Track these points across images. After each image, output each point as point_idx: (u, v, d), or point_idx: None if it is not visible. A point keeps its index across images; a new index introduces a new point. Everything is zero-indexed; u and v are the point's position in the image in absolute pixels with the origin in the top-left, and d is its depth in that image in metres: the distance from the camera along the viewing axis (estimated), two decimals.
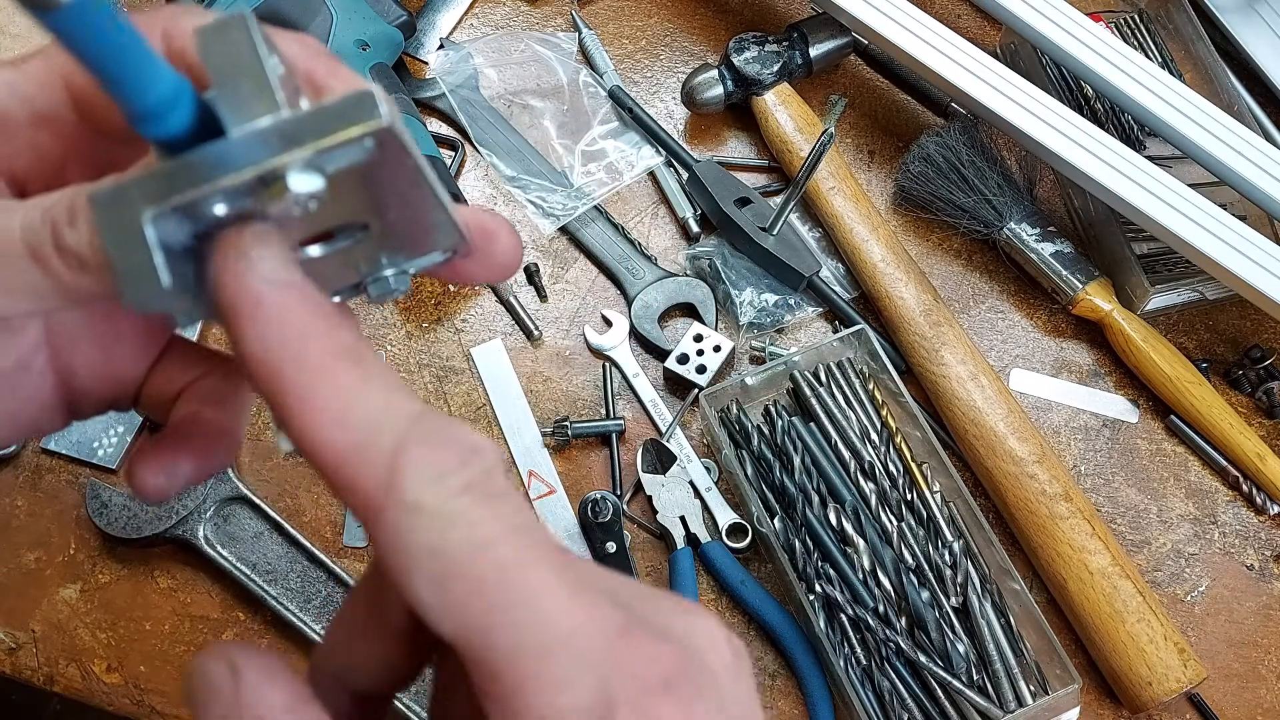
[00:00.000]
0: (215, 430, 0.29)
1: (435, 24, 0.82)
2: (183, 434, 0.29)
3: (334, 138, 0.22)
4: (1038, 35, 0.71)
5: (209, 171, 0.22)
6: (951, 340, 0.68)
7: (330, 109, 0.22)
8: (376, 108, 0.22)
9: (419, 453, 0.20)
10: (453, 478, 0.20)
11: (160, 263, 0.22)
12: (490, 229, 0.27)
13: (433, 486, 0.20)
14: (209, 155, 0.22)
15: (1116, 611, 0.61)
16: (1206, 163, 0.68)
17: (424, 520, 0.20)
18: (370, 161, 0.23)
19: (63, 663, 0.63)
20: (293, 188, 0.22)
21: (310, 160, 0.22)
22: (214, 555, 0.63)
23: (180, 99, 0.22)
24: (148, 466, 0.28)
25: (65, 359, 0.30)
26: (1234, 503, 0.69)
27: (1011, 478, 0.65)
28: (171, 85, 0.21)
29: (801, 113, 0.76)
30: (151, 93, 0.21)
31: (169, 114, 0.22)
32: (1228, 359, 0.72)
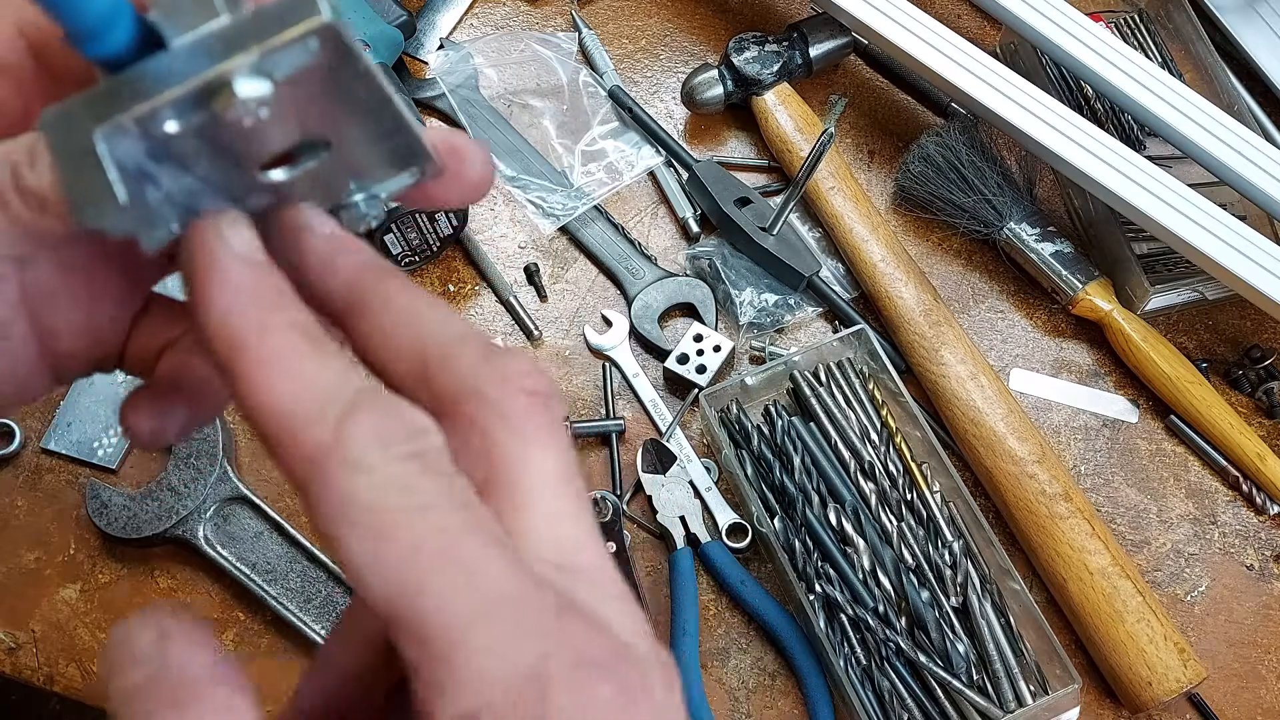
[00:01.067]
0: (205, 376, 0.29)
1: (435, 24, 0.82)
2: (173, 381, 0.29)
3: (276, 39, 0.21)
4: (1038, 35, 0.71)
5: (154, 85, 0.22)
6: (951, 340, 0.68)
7: (269, 11, 0.22)
8: (316, 5, 0.21)
9: (367, 418, 0.20)
10: (399, 445, 0.20)
11: (115, 178, 0.22)
12: (457, 147, 0.27)
13: (378, 449, 0.20)
14: (152, 68, 0.22)
15: (1116, 611, 0.61)
16: (1206, 163, 0.68)
17: (364, 478, 0.19)
18: (318, 64, 0.22)
19: (62, 662, 0.63)
20: (240, 93, 0.22)
21: (255, 65, 0.22)
22: (214, 555, 0.63)
23: (119, 14, 0.22)
24: (140, 412, 0.28)
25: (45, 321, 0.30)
26: (1234, 503, 0.69)
27: (1011, 477, 0.65)
28: (108, 2, 0.21)
29: (801, 113, 0.76)
30: (89, 10, 0.21)
31: (109, 31, 0.22)
32: (1228, 359, 0.72)
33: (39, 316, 0.30)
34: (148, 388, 0.29)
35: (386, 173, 0.26)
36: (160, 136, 0.22)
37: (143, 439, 0.28)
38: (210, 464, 0.64)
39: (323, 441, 0.20)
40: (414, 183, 0.27)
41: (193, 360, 0.29)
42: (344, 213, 0.26)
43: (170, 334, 0.31)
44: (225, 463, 0.64)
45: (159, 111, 0.22)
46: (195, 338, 0.30)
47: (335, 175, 0.25)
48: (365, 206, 0.26)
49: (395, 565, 0.19)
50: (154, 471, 0.66)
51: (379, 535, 0.19)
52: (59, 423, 0.68)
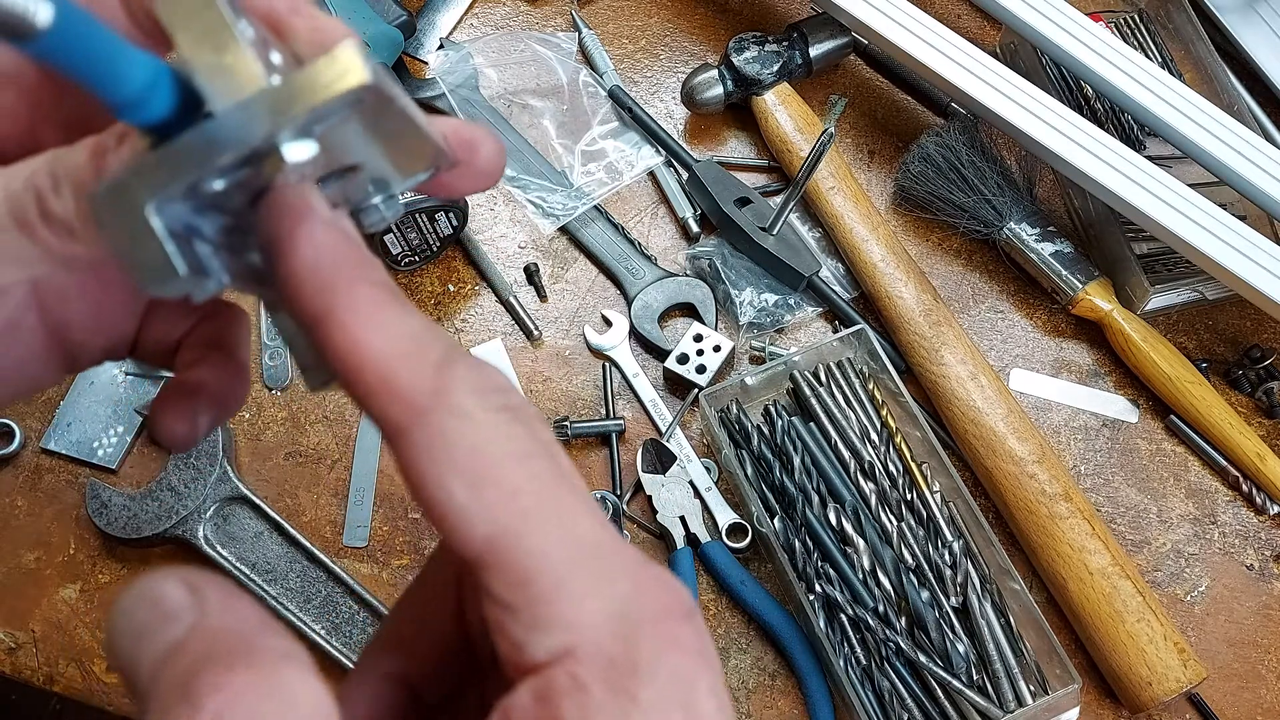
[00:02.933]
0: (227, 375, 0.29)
1: (435, 24, 0.82)
2: (197, 381, 0.29)
3: (321, 101, 0.21)
4: (1037, 35, 0.71)
5: (202, 154, 0.22)
6: (951, 340, 0.68)
7: (314, 74, 0.22)
8: (359, 63, 0.22)
9: (463, 369, 0.21)
10: (495, 397, 0.21)
11: (173, 251, 0.22)
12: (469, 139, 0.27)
13: (476, 398, 0.20)
14: (200, 137, 0.22)
15: (1116, 611, 0.61)
16: (1206, 162, 0.68)
17: (468, 424, 0.20)
18: (358, 114, 0.23)
19: (62, 662, 0.63)
20: (288, 158, 0.22)
21: (302, 127, 0.22)
22: (214, 555, 0.63)
23: (159, 83, 0.22)
24: (170, 415, 0.28)
25: (57, 314, 0.30)
26: (1234, 502, 0.69)
27: (1011, 477, 0.65)
28: (149, 72, 0.21)
29: (801, 112, 0.76)
30: (130, 84, 0.21)
31: (150, 100, 0.22)
32: (1227, 359, 0.72)
33: (50, 310, 0.30)
34: (172, 390, 0.29)
35: (403, 176, 0.27)
36: (206, 196, 0.23)
37: (175, 441, 0.28)
38: (210, 464, 0.64)
39: (425, 388, 0.20)
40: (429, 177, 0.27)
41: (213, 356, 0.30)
42: (364, 216, 0.27)
43: (184, 325, 0.31)
44: (225, 463, 0.64)
45: (207, 178, 0.22)
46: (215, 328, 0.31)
47: (359, 187, 0.26)
48: (384, 208, 0.27)
49: (497, 508, 0.20)
50: (154, 471, 0.66)
51: (482, 479, 0.20)
52: (59, 423, 0.68)
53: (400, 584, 0.65)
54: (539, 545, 0.20)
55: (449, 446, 0.20)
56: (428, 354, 0.21)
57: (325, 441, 0.68)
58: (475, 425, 0.20)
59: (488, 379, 0.21)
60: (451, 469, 0.20)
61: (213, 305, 0.32)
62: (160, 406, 0.28)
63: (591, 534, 0.20)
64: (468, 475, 0.20)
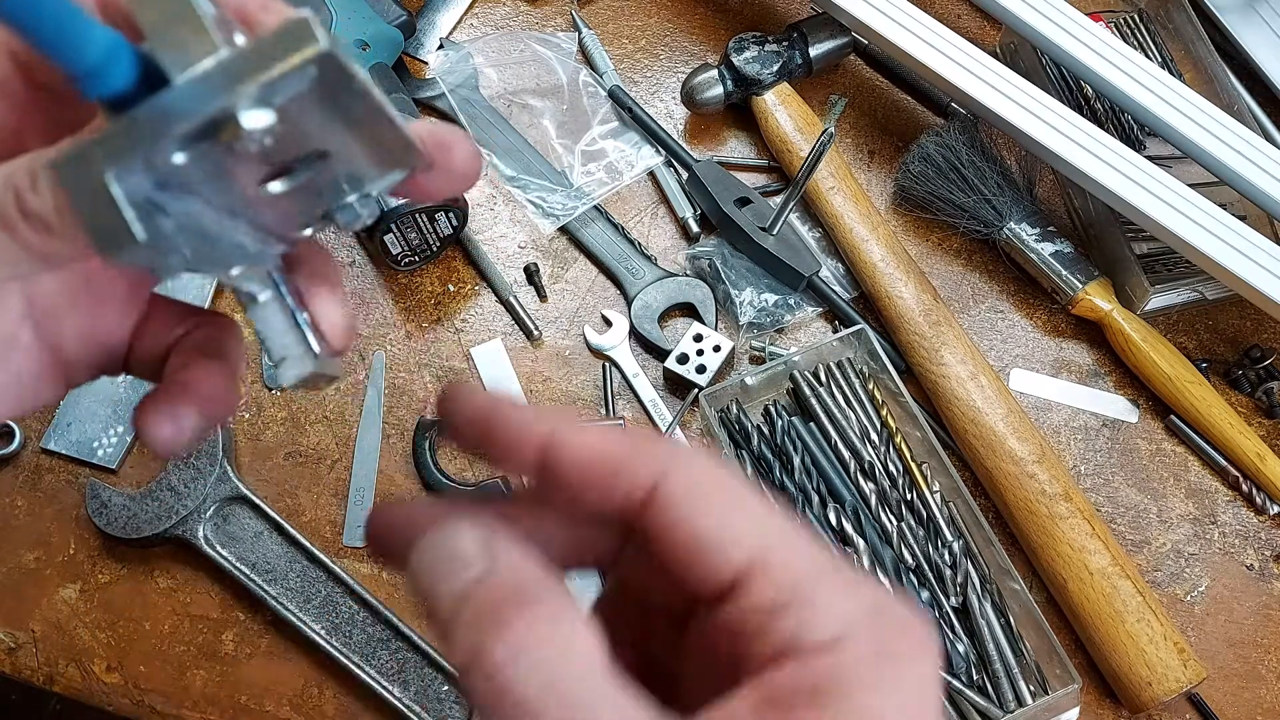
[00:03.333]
0: (215, 378, 0.29)
1: (435, 24, 0.82)
2: (183, 382, 0.29)
3: (277, 69, 0.22)
4: (1037, 35, 0.71)
5: (161, 122, 0.22)
6: (951, 340, 0.68)
7: (268, 42, 0.22)
8: (314, 33, 0.22)
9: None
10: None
11: (131, 217, 0.22)
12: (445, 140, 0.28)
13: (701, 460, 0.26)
14: (157, 106, 0.22)
15: (1116, 611, 0.61)
16: (1206, 162, 0.68)
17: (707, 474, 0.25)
18: (317, 88, 0.23)
19: (62, 663, 0.63)
20: (245, 125, 0.22)
21: (257, 96, 0.22)
22: (214, 555, 0.63)
23: (117, 54, 0.22)
24: (154, 416, 0.28)
25: (51, 329, 0.30)
26: (1234, 503, 0.69)
27: (1011, 477, 0.65)
28: (107, 42, 0.22)
29: (801, 112, 0.76)
30: (88, 52, 0.21)
31: (109, 71, 0.22)
32: (1227, 359, 0.72)
33: (44, 326, 0.30)
34: (159, 392, 0.29)
35: (379, 173, 0.26)
36: (168, 168, 0.23)
37: (160, 445, 0.28)
38: (210, 464, 0.64)
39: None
40: (405, 178, 0.27)
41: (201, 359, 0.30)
42: (340, 214, 0.27)
43: (175, 334, 0.31)
44: (225, 462, 0.64)
45: (167, 147, 0.22)
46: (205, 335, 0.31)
47: (330, 181, 0.26)
48: (359, 207, 0.27)
49: (755, 534, 0.24)
50: (154, 471, 0.66)
51: (733, 512, 0.24)
52: (59, 423, 0.68)
53: (401, 583, 0.65)
54: (796, 559, 0.24)
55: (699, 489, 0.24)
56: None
57: (325, 441, 0.68)
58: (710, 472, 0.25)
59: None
60: (713, 509, 0.24)
61: (202, 315, 0.32)
62: (145, 408, 0.28)
63: (824, 553, 0.24)
64: (725, 510, 0.24)
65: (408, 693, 0.61)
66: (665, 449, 0.25)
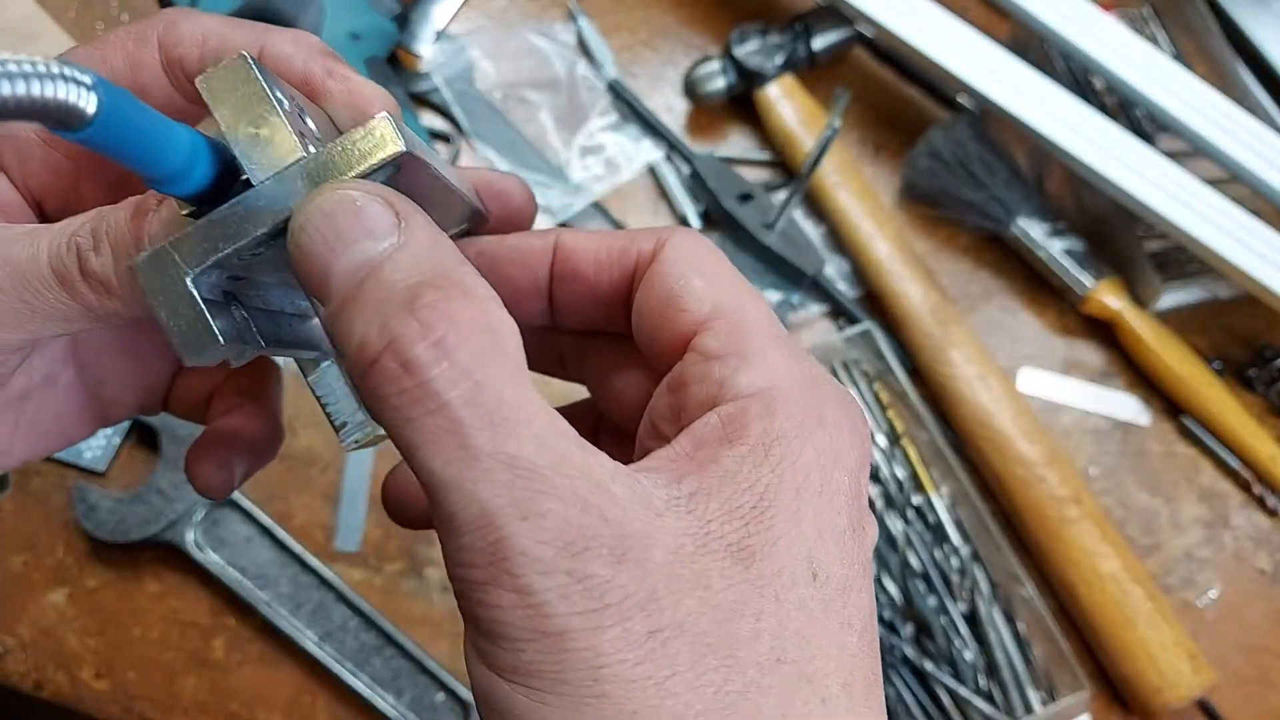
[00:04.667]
0: (261, 422, 0.30)
1: (429, 15, 0.80)
2: (233, 430, 0.30)
3: (357, 170, 0.22)
4: (1047, 28, 0.70)
5: (241, 224, 0.22)
6: (959, 340, 0.67)
7: (351, 143, 0.22)
8: (394, 134, 0.23)
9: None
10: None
11: (214, 321, 0.23)
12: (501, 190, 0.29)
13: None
14: (239, 208, 0.22)
15: (1127, 617, 0.60)
16: (1219, 158, 0.67)
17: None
18: (390, 178, 0.23)
19: (50, 668, 0.62)
20: None
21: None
22: (203, 560, 0.61)
23: (198, 157, 0.22)
24: (207, 464, 0.29)
25: (93, 370, 0.31)
26: (1246, 505, 0.67)
27: (1020, 481, 0.63)
28: (189, 148, 0.22)
29: (805, 106, 0.74)
30: (171, 160, 0.21)
31: (190, 173, 0.22)
32: (1240, 359, 0.71)
33: (87, 368, 0.31)
34: (210, 441, 0.30)
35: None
36: (245, 263, 0.23)
37: (211, 490, 0.29)
38: None
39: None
40: (463, 232, 0.29)
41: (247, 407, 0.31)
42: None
43: (216, 378, 0.32)
44: None
45: (247, 248, 0.23)
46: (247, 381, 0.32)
47: None
48: None
49: (721, 292, 0.27)
50: (143, 475, 0.65)
51: (704, 274, 0.27)
52: None
53: (394, 589, 0.64)
54: (752, 316, 0.25)
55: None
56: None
57: (316, 445, 0.67)
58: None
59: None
60: (693, 269, 0.26)
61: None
62: (197, 455, 0.29)
63: (778, 324, 0.26)
64: (701, 271, 0.26)
65: (401, 701, 0.60)
66: (665, 226, 0.28)
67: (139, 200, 0.24)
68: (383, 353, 0.20)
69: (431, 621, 0.63)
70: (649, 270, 0.27)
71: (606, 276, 0.27)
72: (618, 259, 0.27)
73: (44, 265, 0.24)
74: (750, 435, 0.23)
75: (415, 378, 0.19)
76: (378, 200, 0.21)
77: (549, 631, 0.19)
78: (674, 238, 0.27)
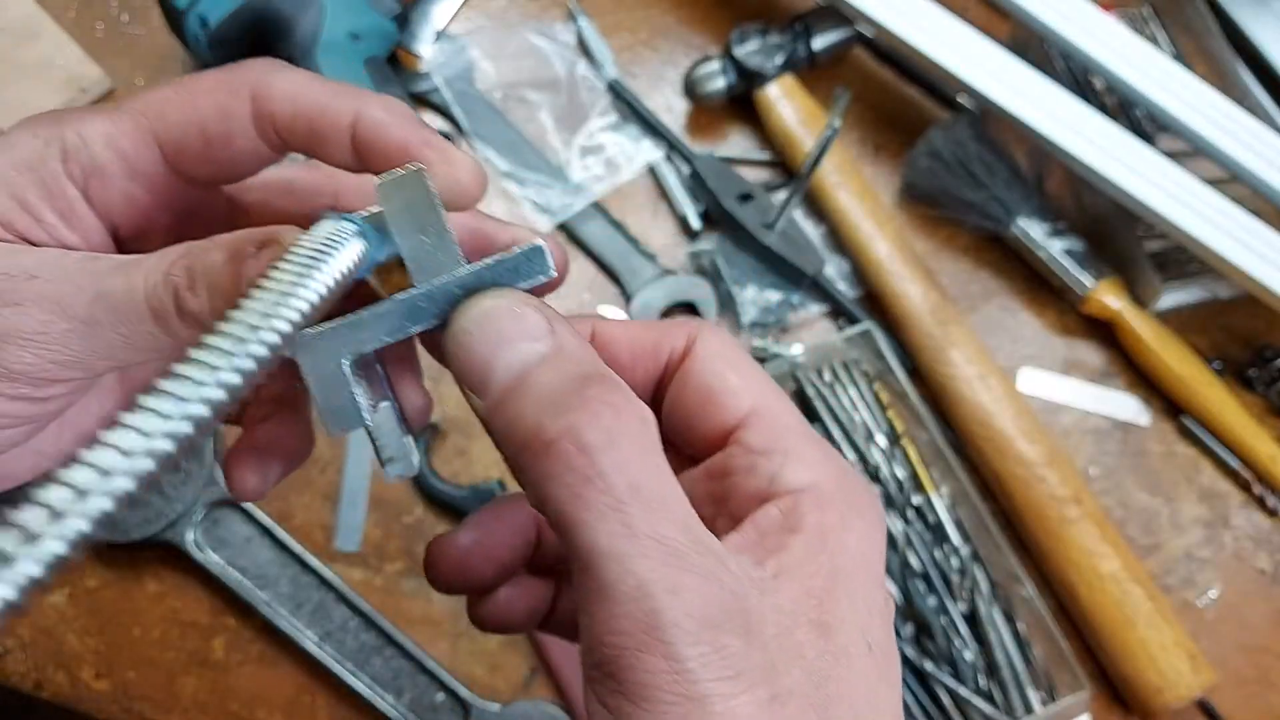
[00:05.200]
0: (295, 429, 0.32)
1: (429, 15, 0.80)
2: (268, 438, 0.32)
3: (517, 288, 0.26)
4: (1047, 28, 0.70)
5: (400, 321, 0.26)
6: (959, 340, 0.67)
7: (508, 263, 0.26)
8: (548, 264, 0.26)
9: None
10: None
11: (363, 403, 0.26)
12: (562, 258, 0.31)
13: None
14: (400, 305, 0.26)
15: (1127, 617, 0.60)
16: (1219, 158, 0.67)
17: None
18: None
19: (50, 668, 0.62)
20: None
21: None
22: (203, 560, 0.61)
23: (368, 265, 0.26)
24: (246, 471, 0.31)
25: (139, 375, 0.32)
26: (1246, 505, 0.67)
27: (1020, 480, 0.63)
28: (370, 262, 0.26)
29: (805, 106, 0.74)
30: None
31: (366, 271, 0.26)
32: (1240, 359, 0.71)
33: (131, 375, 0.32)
34: (246, 448, 0.31)
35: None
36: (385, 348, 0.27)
37: (247, 494, 0.31)
38: (199, 467, 0.62)
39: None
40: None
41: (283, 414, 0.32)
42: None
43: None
44: (214, 466, 0.62)
45: (399, 340, 0.26)
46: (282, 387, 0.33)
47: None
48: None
49: (757, 392, 0.29)
50: None
51: (744, 373, 0.30)
52: None
53: (394, 589, 0.64)
54: (785, 413, 0.28)
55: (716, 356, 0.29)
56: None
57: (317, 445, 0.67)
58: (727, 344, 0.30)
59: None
60: (729, 367, 0.29)
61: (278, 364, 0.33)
62: (236, 462, 0.31)
63: (804, 421, 0.29)
64: (736, 370, 0.29)
65: (401, 701, 0.60)
66: (691, 321, 0.30)
67: (234, 244, 0.25)
68: (560, 437, 0.23)
69: (431, 621, 0.63)
70: (684, 365, 0.29)
71: (641, 367, 0.30)
72: (651, 351, 0.29)
73: (140, 302, 0.25)
74: (807, 526, 0.26)
75: (589, 460, 0.22)
76: (532, 308, 0.25)
77: (693, 696, 0.22)
78: (703, 334, 0.29)
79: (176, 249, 0.26)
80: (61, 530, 0.17)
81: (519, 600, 0.33)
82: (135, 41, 0.78)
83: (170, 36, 0.74)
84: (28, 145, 0.27)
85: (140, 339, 0.26)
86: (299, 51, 0.69)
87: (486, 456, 0.67)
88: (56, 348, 0.26)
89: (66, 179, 0.27)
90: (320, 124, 0.27)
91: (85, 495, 0.17)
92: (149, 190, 0.29)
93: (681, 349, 0.29)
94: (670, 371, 0.30)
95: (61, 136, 0.27)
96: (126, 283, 0.25)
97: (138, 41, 0.78)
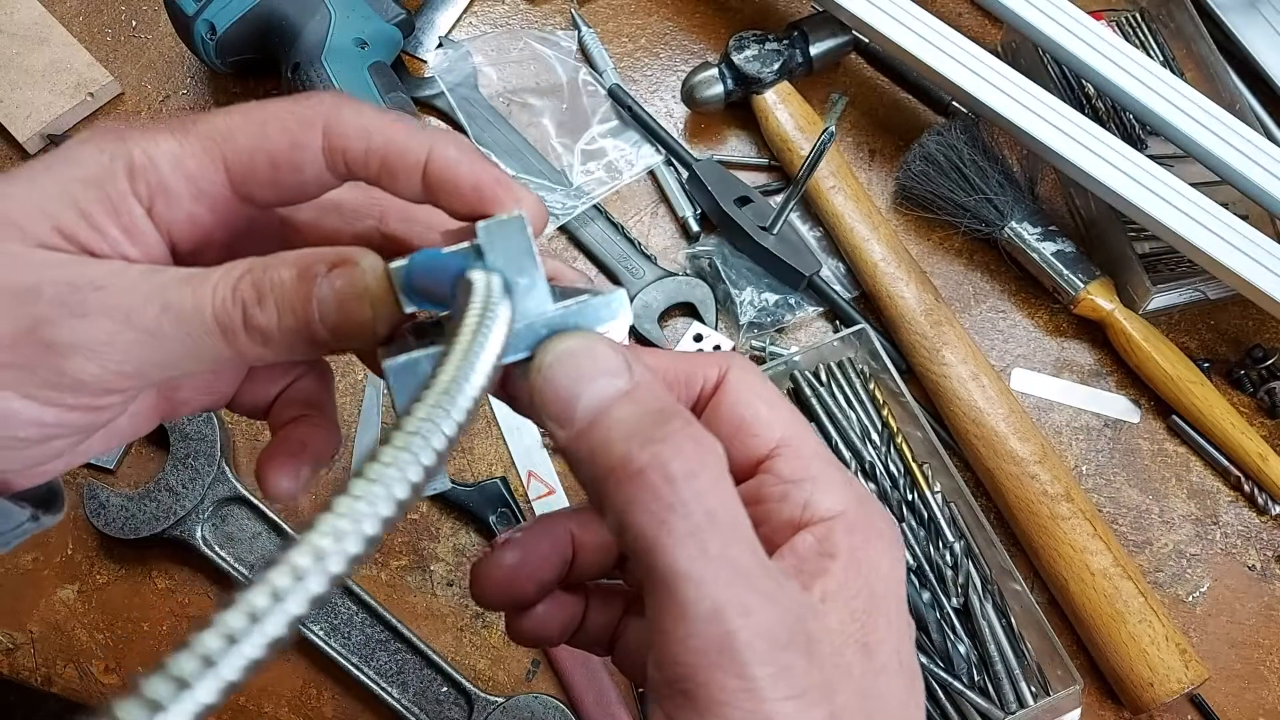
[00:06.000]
0: (323, 430, 0.33)
1: (434, 22, 0.81)
2: (299, 440, 0.33)
3: (597, 330, 0.28)
4: (1039, 33, 0.71)
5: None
6: (952, 340, 0.68)
7: (591, 307, 0.28)
8: (626, 308, 0.28)
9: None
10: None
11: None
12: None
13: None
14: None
15: (1118, 612, 0.61)
16: (1208, 161, 0.68)
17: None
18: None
19: (60, 663, 0.63)
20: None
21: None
22: (211, 556, 0.62)
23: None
24: (278, 473, 0.32)
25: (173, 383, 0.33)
26: (1236, 503, 0.68)
27: (1013, 478, 0.64)
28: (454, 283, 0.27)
29: (802, 111, 0.75)
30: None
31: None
32: (1230, 359, 0.72)
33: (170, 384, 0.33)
34: (279, 450, 0.32)
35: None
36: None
37: (281, 496, 0.32)
38: (208, 464, 0.63)
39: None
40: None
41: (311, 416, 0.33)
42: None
43: (280, 384, 0.35)
44: (223, 463, 0.64)
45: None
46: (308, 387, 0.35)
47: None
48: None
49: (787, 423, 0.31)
50: (152, 472, 0.66)
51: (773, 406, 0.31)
52: None
53: (399, 584, 0.65)
54: (811, 443, 0.30)
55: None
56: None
57: None
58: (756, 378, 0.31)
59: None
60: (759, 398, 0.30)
61: (305, 366, 0.35)
62: (270, 465, 0.32)
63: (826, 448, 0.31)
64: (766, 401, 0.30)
65: (406, 694, 0.61)
66: (723, 354, 0.31)
67: (304, 263, 0.26)
68: (647, 467, 0.24)
69: (436, 615, 0.64)
70: (716, 396, 0.30)
71: (677, 397, 0.30)
72: (685, 382, 0.31)
73: (207, 315, 0.26)
74: (841, 552, 0.27)
75: (673, 489, 0.24)
76: (611, 347, 0.27)
77: (762, 713, 0.23)
78: (735, 366, 0.31)
79: (242, 264, 0.27)
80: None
81: (555, 615, 0.34)
82: (143, 46, 0.79)
83: (178, 42, 0.76)
84: (93, 160, 0.27)
85: (203, 350, 0.26)
86: (305, 58, 0.71)
87: (490, 455, 0.68)
88: (120, 358, 0.26)
89: (132, 197, 0.28)
90: (393, 160, 0.28)
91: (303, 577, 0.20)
92: (211, 210, 0.29)
93: (714, 380, 0.31)
94: (703, 402, 0.31)
95: (128, 154, 0.28)
96: (193, 296, 0.26)
97: (146, 46, 0.79)
